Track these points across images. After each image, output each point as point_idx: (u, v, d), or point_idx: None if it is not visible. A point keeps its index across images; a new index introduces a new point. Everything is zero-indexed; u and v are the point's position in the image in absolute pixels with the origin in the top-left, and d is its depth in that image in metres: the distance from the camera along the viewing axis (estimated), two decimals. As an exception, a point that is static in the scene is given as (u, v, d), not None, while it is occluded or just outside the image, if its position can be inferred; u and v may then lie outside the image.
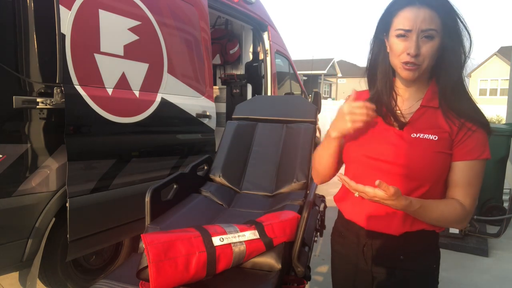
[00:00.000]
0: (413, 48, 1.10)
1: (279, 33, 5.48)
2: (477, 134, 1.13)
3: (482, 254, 3.82)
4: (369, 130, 1.25)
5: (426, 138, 1.15)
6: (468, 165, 1.14)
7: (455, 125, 1.14)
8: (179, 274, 1.30)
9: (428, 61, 1.12)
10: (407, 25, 1.11)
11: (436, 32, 1.09)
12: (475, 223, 4.04)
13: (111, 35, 2.42)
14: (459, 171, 1.15)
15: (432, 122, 1.17)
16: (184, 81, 3.06)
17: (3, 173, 1.98)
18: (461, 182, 1.15)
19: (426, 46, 1.10)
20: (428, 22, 1.09)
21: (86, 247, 2.44)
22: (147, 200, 1.75)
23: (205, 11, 3.38)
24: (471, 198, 1.15)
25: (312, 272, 2.17)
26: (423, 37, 1.10)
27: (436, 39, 1.10)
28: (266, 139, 2.64)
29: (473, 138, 1.13)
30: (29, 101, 2.05)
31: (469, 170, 1.14)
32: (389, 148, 1.18)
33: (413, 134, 1.17)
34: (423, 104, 1.20)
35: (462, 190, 1.15)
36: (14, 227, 2.10)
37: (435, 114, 1.18)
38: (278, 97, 4.44)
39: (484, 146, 1.14)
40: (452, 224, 1.18)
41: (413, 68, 1.13)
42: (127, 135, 2.58)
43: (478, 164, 1.14)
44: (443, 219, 1.14)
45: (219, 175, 2.41)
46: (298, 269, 1.60)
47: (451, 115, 1.15)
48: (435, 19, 1.09)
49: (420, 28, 1.09)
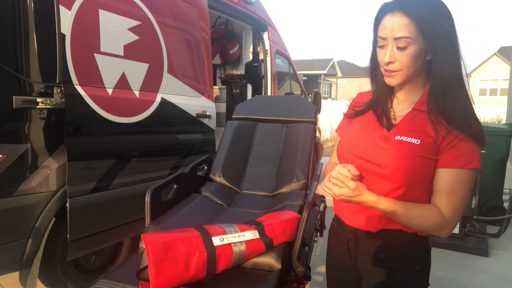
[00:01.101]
0: (385, 56, 1.14)
1: (279, 33, 5.47)
2: (464, 143, 1.11)
3: (482, 254, 3.82)
4: (360, 128, 1.30)
5: (409, 141, 1.15)
6: (452, 173, 1.13)
7: (442, 131, 1.13)
8: (179, 274, 1.29)
9: (407, 68, 1.13)
10: (383, 33, 1.13)
11: (410, 39, 1.09)
12: (475, 223, 4.04)
13: (111, 35, 2.42)
14: (442, 178, 1.14)
15: (419, 126, 1.17)
16: (184, 81, 3.06)
17: (3, 173, 1.98)
18: (443, 189, 1.14)
19: (401, 53, 1.11)
20: (400, 29, 1.09)
21: (86, 247, 2.44)
22: (147, 200, 1.74)
23: (205, 11, 3.38)
24: (453, 207, 1.13)
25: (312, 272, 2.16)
26: (398, 45, 1.11)
27: (413, 46, 1.10)
28: (266, 139, 2.63)
29: (460, 146, 1.11)
30: (29, 101, 2.05)
31: (452, 179, 1.13)
32: (373, 148, 1.22)
33: (397, 136, 1.18)
34: (415, 108, 1.21)
35: (444, 197, 1.14)
36: (14, 227, 2.09)
37: (424, 118, 1.17)
38: (278, 97, 4.42)
39: (472, 156, 1.12)
40: (428, 230, 1.17)
41: (391, 75, 1.16)
42: (127, 135, 2.58)
43: (464, 173, 1.12)
44: (416, 223, 1.14)
45: (219, 175, 2.40)
46: (298, 269, 1.58)
47: (439, 120, 1.14)
48: (409, 26, 1.08)
49: (392, 36, 1.11)
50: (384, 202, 1.12)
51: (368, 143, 1.24)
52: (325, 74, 29.07)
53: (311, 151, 2.45)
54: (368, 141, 1.24)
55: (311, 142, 2.50)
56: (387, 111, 1.25)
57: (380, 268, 1.25)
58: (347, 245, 1.32)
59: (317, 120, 2.76)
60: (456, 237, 3.97)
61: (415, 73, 1.15)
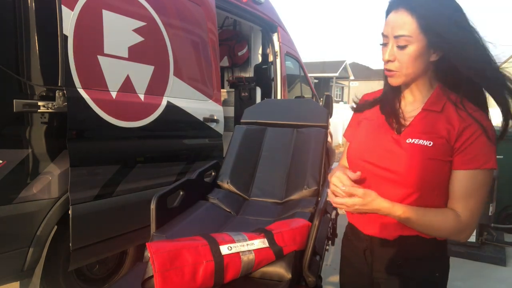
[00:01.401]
0: (385, 55, 1.12)
1: (289, 34, 5.44)
2: (480, 141, 1.08)
3: (499, 263, 3.76)
4: (370, 132, 1.27)
5: (421, 144, 1.12)
6: (468, 175, 1.09)
7: (454, 130, 1.10)
8: (186, 283, 1.28)
9: (408, 68, 1.11)
10: (385, 30, 1.12)
11: (410, 38, 1.06)
12: (492, 231, 3.97)
13: (115, 37, 2.39)
14: (458, 181, 1.10)
15: (430, 127, 1.14)
16: (191, 84, 3.03)
17: (3, 179, 1.95)
18: (459, 192, 1.11)
19: (401, 52, 1.09)
20: (399, 27, 1.07)
21: (89, 256, 2.40)
22: (152, 207, 1.74)
23: (213, 12, 3.36)
24: (470, 210, 1.10)
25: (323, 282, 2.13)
26: (397, 44, 1.09)
27: (413, 46, 1.07)
28: (275, 144, 2.63)
29: (475, 145, 1.08)
30: (30, 105, 2.02)
31: (468, 180, 1.09)
32: (383, 153, 1.18)
33: (408, 139, 1.15)
34: (425, 108, 1.17)
35: (460, 201, 1.11)
36: (15, 235, 2.07)
37: (435, 119, 1.14)
38: (288, 100, 4.42)
39: (489, 155, 1.08)
40: (445, 235, 1.15)
41: (391, 75, 1.14)
42: (132, 140, 2.55)
43: (481, 174, 1.09)
44: (432, 228, 1.12)
45: (227, 181, 2.39)
46: (309, 279, 1.58)
47: (455, 119, 1.11)
48: (410, 24, 1.06)
49: (392, 34, 1.09)
50: (399, 208, 1.11)
51: (378, 148, 1.20)
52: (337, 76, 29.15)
53: (322, 157, 2.45)
54: (378, 146, 1.21)
55: (322, 147, 2.50)
56: (396, 113, 1.22)
57: (397, 276, 1.23)
58: (364, 254, 1.29)
59: (328, 125, 2.78)
60: (473, 246, 3.91)
61: (415, 73, 1.13)
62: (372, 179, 1.20)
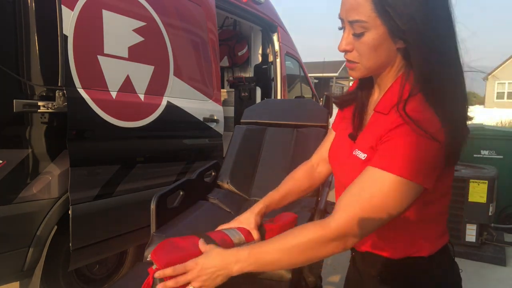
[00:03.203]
0: (341, 43, 0.92)
1: (289, 34, 5.43)
2: (399, 141, 0.84)
3: (499, 263, 3.72)
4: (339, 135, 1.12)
5: (359, 157, 0.95)
6: (371, 172, 0.86)
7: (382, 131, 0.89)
8: None
9: (367, 60, 0.90)
10: (340, 13, 0.90)
11: (365, 23, 0.85)
12: (492, 231, 3.95)
13: (115, 37, 2.38)
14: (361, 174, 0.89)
15: (373, 134, 0.93)
16: (191, 84, 3.02)
17: (3, 179, 1.95)
18: (350, 186, 0.89)
19: (358, 41, 0.89)
20: (353, 10, 0.86)
21: (89, 256, 2.40)
22: (152, 207, 1.74)
23: (213, 12, 3.35)
24: (348, 212, 0.86)
25: (324, 282, 2.12)
26: (353, 31, 0.89)
27: (370, 33, 0.86)
28: (275, 144, 2.63)
29: (391, 143, 0.85)
30: (30, 105, 2.02)
31: (367, 177, 0.87)
32: (340, 165, 1.05)
33: (355, 150, 0.97)
34: (375, 109, 0.97)
35: (345, 196, 0.89)
36: (15, 235, 2.06)
37: (380, 124, 0.92)
38: (288, 100, 4.42)
39: (408, 162, 0.82)
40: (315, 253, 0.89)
41: (352, 66, 0.94)
42: (132, 140, 2.54)
43: (386, 178, 0.83)
44: (294, 252, 0.88)
45: (227, 181, 2.39)
46: (309, 279, 1.59)
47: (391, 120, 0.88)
48: (364, 7, 0.84)
49: (347, 19, 0.88)
50: (243, 253, 0.90)
51: (336, 159, 1.09)
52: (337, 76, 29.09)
53: (322, 157, 2.40)
54: (336, 157, 1.09)
55: (322, 147, 2.46)
56: (359, 115, 1.04)
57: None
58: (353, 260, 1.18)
59: (328, 125, 2.75)
60: (472, 246, 3.88)
61: (378, 65, 0.92)
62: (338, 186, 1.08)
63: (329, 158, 1.15)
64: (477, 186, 3.73)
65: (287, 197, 1.28)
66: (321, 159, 1.29)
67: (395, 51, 0.89)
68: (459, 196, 3.80)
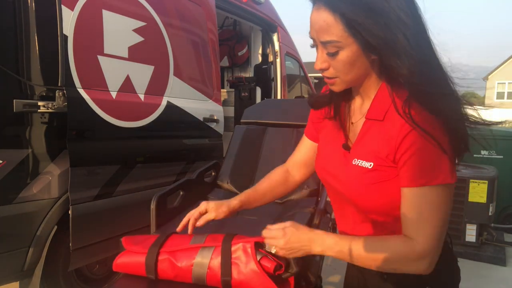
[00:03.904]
0: (317, 62, 0.93)
1: (289, 34, 5.42)
2: (422, 152, 0.86)
3: (499, 263, 3.73)
4: (327, 142, 1.12)
5: (363, 166, 0.96)
6: (415, 194, 0.89)
7: (393, 140, 0.90)
8: None
9: (345, 75, 0.92)
10: (311, 33, 0.92)
11: (338, 43, 0.87)
12: (492, 231, 3.95)
13: (115, 37, 2.38)
14: (405, 201, 0.91)
15: (374, 141, 0.95)
16: (191, 84, 3.02)
17: (3, 179, 1.95)
18: (408, 213, 0.91)
19: (334, 59, 0.90)
20: (323, 32, 0.87)
21: (89, 256, 2.39)
22: (152, 208, 1.72)
23: (213, 12, 3.35)
24: (425, 234, 0.89)
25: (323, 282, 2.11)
26: (327, 51, 0.90)
27: (344, 51, 0.88)
28: (276, 144, 2.60)
29: (417, 157, 0.87)
30: (30, 105, 2.02)
31: (417, 200, 0.89)
32: (336, 174, 1.05)
33: (354, 159, 0.98)
34: (367, 117, 0.98)
35: (412, 224, 0.91)
36: (15, 235, 2.06)
37: (377, 130, 0.95)
38: (288, 100, 4.40)
39: (437, 168, 0.86)
40: (397, 266, 0.93)
41: (332, 82, 0.96)
42: (132, 140, 2.54)
43: (431, 192, 0.87)
44: (379, 260, 0.92)
45: (227, 181, 2.37)
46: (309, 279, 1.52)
47: (395, 126, 0.90)
48: (335, 27, 0.85)
49: (319, 39, 0.90)
50: (331, 239, 0.96)
51: (332, 168, 1.07)
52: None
53: (322, 157, 2.39)
54: (332, 165, 1.07)
55: (322, 147, 2.45)
56: (344, 125, 1.06)
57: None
58: None
59: None
60: (472, 246, 3.89)
61: (357, 77, 0.94)
62: (335, 197, 1.09)
63: (318, 170, 1.15)
64: (477, 186, 3.73)
65: (261, 200, 1.33)
66: (295, 165, 1.33)
67: (371, 62, 0.91)
68: (459, 196, 3.79)
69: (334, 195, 1.11)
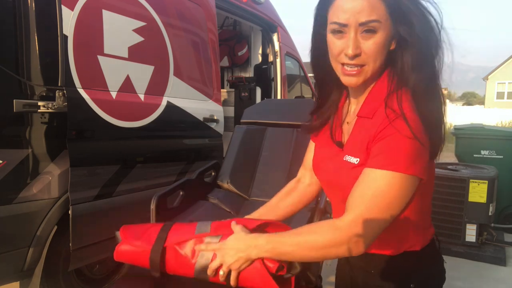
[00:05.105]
0: (350, 48, 0.90)
1: (289, 34, 5.42)
2: (392, 138, 0.87)
3: (499, 263, 3.72)
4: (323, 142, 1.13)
5: (351, 162, 0.97)
6: (366, 174, 0.89)
7: (373, 131, 0.92)
8: None
9: (374, 62, 0.92)
10: (342, 18, 0.90)
11: (379, 23, 0.88)
12: (492, 231, 3.95)
13: (115, 37, 2.38)
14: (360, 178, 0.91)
15: (362, 137, 0.96)
16: (191, 84, 3.02)
17: (3, 179, 1.95)
18: (353, 192, 0.91)
19: (368, 42, 0.90)
20: (367, 12, 0.87)
21: (89, 256, 2.39)
22: (152, 208, 1.73)
23: (213, 12, 3.35)
24: (354, 218, 0.87)
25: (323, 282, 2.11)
26: (363, 31, 0.89)
27: (381, 32, 0.89)
28: (276, 144, 2.61)
29: (385, 142, 0.88)
30: (30, 105, 2.01)
31: (365, 181, 0.89)
32: (330, 173, 1.06)
33: (345, 156, 0.99)
34: (358, 115, 1.00)
35: (351, 199, 0.90)
36: (15, 235, 2.06)
37: (367, 128, 0.95)
38: (288, 100, 4.40)
39: (400, 156, 0.86)
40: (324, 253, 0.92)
41: (354, 72, 0.93)
42: (132, 140, 2.54)
43: (383, 177, 0.86)
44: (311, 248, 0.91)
45: (227, 181, 2.37)
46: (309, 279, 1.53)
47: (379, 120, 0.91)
48: (378, 6, 0.88)
49: (358, 21, 0.89)
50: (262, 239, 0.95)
51: (325, 166, 1.09)
52: (336, 76, 28.99)
53: (322, 157, 2.40)
54: (325, 163, 1.09)
55: (322, 147, 2.46)
56: (333, 122, 1.09)
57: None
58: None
59: None
60: (472, 246, 3.88)
61: (379, 68, 0.94)
62: (332, 195, 1.10)
63: (315, 169, 1.16)
64: (477, 186, 3.73)
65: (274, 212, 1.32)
66: (306, 170, 1.33)
67: (387, 53, 0.94)
68: (459, 196, 3.79)
69: (331, 194, 1.11)
